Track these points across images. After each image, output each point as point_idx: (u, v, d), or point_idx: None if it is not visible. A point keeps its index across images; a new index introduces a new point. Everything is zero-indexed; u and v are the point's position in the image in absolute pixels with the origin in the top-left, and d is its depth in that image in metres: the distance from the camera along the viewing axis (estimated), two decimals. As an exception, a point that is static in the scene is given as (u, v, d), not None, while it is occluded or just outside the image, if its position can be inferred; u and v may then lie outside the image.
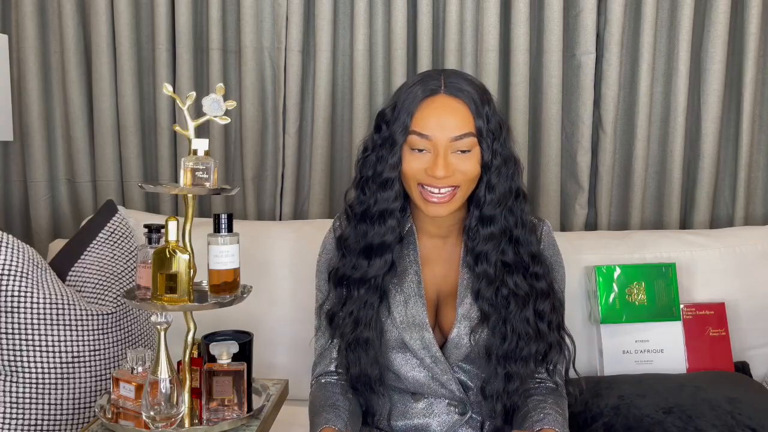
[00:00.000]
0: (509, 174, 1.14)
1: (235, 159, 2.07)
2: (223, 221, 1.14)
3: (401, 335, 1.18)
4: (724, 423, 1.37)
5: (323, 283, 1.26)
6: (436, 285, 1.22)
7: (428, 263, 1.21)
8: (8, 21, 2.03)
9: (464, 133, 1.09)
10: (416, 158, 1.11)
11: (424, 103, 1.10)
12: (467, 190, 1.13)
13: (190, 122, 1.13)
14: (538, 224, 1.24)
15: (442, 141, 1.09)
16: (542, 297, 1.16)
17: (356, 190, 1.18)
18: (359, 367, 1.18)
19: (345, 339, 1.18)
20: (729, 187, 2.06)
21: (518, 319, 1.14)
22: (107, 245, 1.62)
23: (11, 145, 2.08)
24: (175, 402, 1.07)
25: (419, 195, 1.12)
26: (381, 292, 1.17)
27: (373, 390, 1.20)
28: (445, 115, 1.09)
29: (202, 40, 2.03)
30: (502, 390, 1.17)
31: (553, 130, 1.98)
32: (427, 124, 1.09)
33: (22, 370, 1.35)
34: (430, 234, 1.22)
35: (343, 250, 1.20)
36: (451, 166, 1.09)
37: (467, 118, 1.10)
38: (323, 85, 1.97)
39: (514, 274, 1.15)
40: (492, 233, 1.15)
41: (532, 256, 1.17)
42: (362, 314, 1.17)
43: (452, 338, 1.18)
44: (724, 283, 1.73)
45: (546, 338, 1.16)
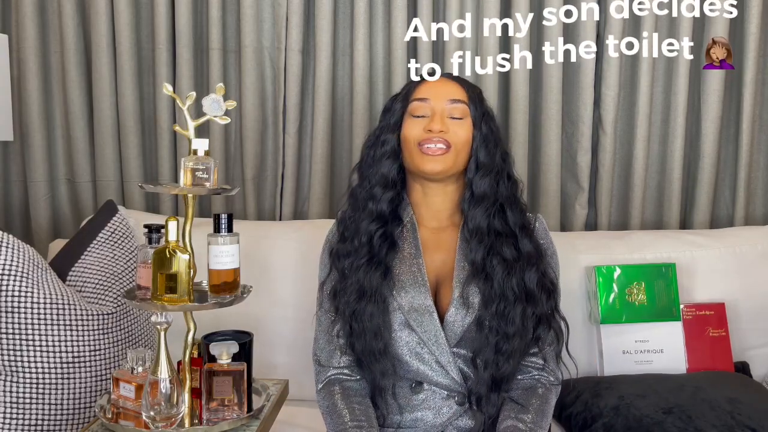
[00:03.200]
0: (497, 152, 1.26)
1: (235, 159, 2.07)
2: (223, 221, 1.14)
3: (405, 317, 1.21)
4: (724, 423, 1.37)
5: (325, 266, 1.30)
6: (435, 271, 1.26)
7: (428, 251, 1.26)
8: (8, 21, 2.03)
9: (459, 98, 1.25)
10: (416, 123, 1.24)
11: (424, 81, 1.29)
12: (459, 153, 1.23)
13: (190, 122, 1.13)
14: (531, 217, 1.31)
15: (438, 105, 1.24)
16: (529, 264, 1.22)
17: (358, 170, 1.30)
18: (364, 339, 1.20)
19: (349, 308, 1.21)
20: (729, 187, 2.06)
21: (506, 283, 1.20)
22: (107, 245, 1.62)
23: (11, 145, 2.08)
24: (175, 402, 1.07)
25: (418, 152, 1.23)
26: (384, 269, 1.22)
27: (378, 360, 1.21)
28: (442, 86, 1.27)
29: (202, 40, 2.03)
30: (492, 359, 1.20)
31: (553, 130, 1.98)
32: (427, 91, 1.26)
33: (22, 370, 1.35)
34: (429, 225, 1.29)
35: (344, 223, 1.28)
36: (446, 124, 1.23)
37: (462, 92, 1.27)
38: (323, 85, 1.97)
39: (503, 243, 1.23)
40: (484, 194, 1.24)
41: (521, 227, 1.25)
42: (366, 285, 1.21)
43: (448, 318, 1.21)
44: (724, 283, 1.73)
45: (533, 302, 1.21)
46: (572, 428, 1.50)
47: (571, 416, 1.50)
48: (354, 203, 1.28)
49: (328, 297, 1.27)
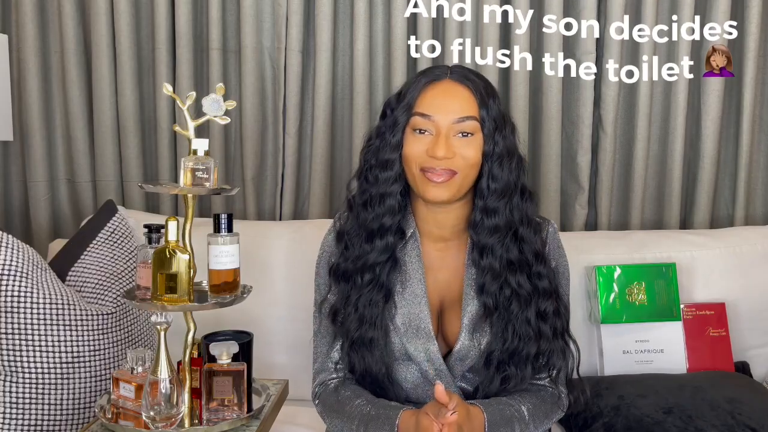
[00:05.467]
0: (512, 167, 1.14)
1: (235, 159, 2.07)
2: (223, 221, 1.14)
3: (404, 345, 1.16)
4: (724, 423, 1.37)
5: (323, 282, 1.25)
6: (439, 292, 1.20)
7: (432, 270, 1.20)
8: (8, 21, 2.03)
9: (467, 115, 1.10)
10: (418, 140, 1.12)
11: (429, 86, 1.13)
12: (466, 177, 1.12)
13: (190, 122, 1.13)
14: (543, 224, 1.22)
15: (444, 122, 1.10)
16: (544, 297, 1.15)
17: (358, 179, 1.19)
18: (364, 365, 1.17)
19: (349, 336, 1.17)
20: (729, 187, 2.06)
21: (520, 320, 1.13)
22: (107, 245, 1.62)
23: (11, 145, 2.08)
24: (175, 402, 1.07)
25: (420, 177, 1.12)
26: (386, 291, 1.16)
27: (381, 386, 1.19)
28: (449, 98, 1.11)
29: (202, 40, 2.03)
30: (494, 394, 1.16)
31: (553, 130, 1.98)
32: (431, 105, 1.11)
33: (22, 370, 1.35)
34: (433, 237, 1.20)
35: (344, 241, 1.19)
36: (452, 148, 1.09)
37: (471, 102, 1.11)
38: (323, 85, 1.97)
39: (517, 273, 1.14)
40: (497, 225, 1.14)
41: (536, 254, 1.16)
42: (367, 312, 1.15)
43: (457, 350, 1.16)
44: (724, 283, 1.73)
45: (547, 340, 1.14)
46: (572, 428, 1.50)
47: (571, 416, 1.50)
48: (356, 222, 1.19)
49: (328, 317, 1.22)
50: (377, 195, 1.15)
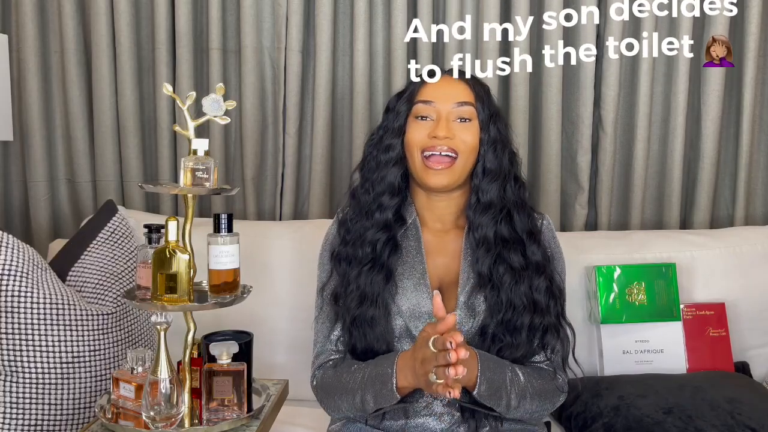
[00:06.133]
0: (505, 155, 1.23)
1: (235, 159, 2.07)
2: (223, 221, 1.14)
3: (406, 324, 1.20)
4: (724, 423, 1.37)
5: (325, 269, 1.29)
6: (438, 275, 1.24)
7: (431, 254, 1.25)
8: (8, 21, 2.03)
9: (465, 101, 1.22)
10: (420, 126, 1.22)
11: (429, 82, 1.24)
12: (466, 162, 1.21)
13: (190, 122, 1.13)
14: (538, 217, 1.29)
15: (444, 107, 1.21)
16: (537, 273, 1.20)
17: (361, 171, 1.28)
18: (365, 342, 1.20)
19: (350, 314, 1.20)
20: (729, 187, 2.06)
21: (514, 292, 1.18)
22: (107, 245, 1.62)
23: (11, 145, 2.08)
24: (175, 402, 1.07)
25: (421, 164, 1.21)
26: (386, 272, 1.20)
27: None
28: (448, 87, 1.24)
29: (202, 40, 2.03)
30: None
31: (553, 130, 1.98)
32: (432, 93, 1.23)
33: (22, 370, 1.35)
34: (433, 227, 1.27)
35: (346, 227, 1.26)
36: (452, 130, 1.20)
37: (468, 92, 1.24)
38: (323, 85, 1.97)
39: (510, 251, 1.20)
40: (491, 201, 1.22)
41: (530, 233, 1.23)
42: (368, 290, 1.19)
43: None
44: (724, 283, 1.73)
45: (540, 313, 1.19)
46: (572, 428, 1.50)
47: (571, 416, 1.50)
48: (357, 207, 1.26)
49: (329, 301, 1.26)
50: (378, 177, 1.24)
